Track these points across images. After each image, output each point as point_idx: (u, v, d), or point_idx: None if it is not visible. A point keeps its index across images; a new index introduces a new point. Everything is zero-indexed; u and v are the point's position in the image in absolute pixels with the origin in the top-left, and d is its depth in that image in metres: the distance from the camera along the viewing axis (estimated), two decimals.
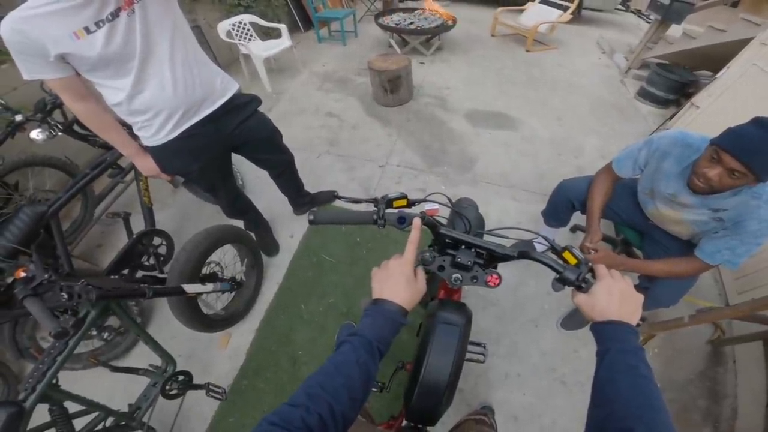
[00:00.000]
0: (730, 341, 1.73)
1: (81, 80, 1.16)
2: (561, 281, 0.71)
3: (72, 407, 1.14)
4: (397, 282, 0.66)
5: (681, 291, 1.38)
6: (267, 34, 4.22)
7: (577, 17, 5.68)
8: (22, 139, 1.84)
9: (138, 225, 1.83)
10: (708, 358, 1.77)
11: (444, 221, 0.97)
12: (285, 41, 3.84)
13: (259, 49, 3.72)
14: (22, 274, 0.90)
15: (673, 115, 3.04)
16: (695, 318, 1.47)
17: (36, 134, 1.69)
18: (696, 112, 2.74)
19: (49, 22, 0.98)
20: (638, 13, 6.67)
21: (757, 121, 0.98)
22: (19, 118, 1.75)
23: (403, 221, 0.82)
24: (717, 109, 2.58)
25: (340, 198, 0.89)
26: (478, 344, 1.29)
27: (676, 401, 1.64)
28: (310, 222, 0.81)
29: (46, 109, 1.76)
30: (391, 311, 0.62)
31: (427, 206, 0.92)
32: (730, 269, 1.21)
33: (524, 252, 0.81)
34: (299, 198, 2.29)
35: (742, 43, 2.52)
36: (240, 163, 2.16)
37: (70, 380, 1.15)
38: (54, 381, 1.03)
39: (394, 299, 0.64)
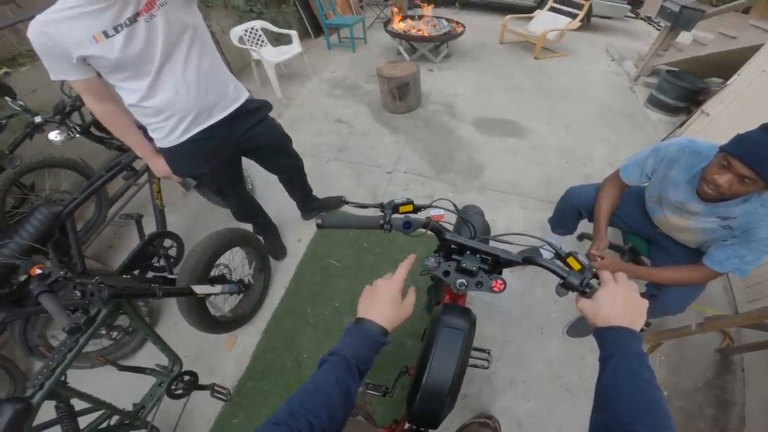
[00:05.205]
0: (739, 349, 1.71)
1: (102, 82, 1.21)
2: (565, 286, 0.71)
3: (77, 405, 1.15)
4: (382, 302, 0.67)
5: (688, 298, 1.37)
6: (278, 40, 4.29)
7: (585, 24, 5.69)
8: (39, 141, 1.89)
9: (150, 227, 1.86)
10: (716, 367, 1.74)
11: (450, 228, 0.98)
12: (295, 47, 3.89)
13: (270, 55, 3.78)
14: (38, 271, 0.92)
15: (683, 123, 3.02)
16: (703, 326, 1.45)
17: (54, 136, 1.74)
18: (706, 119, 2.72)
19: (71, 25, 1.02)
20: (648, 20, 6.65)
21: (766, 128, 0.98)
22: (38, 119, 1.79)
23: (409, 226, 0.83)
24: (727, 117, 2.55)
25: (347, 203, 0.90)
26: (482, 350, 1.29)
27: (682, 409, 1.62)
28: (318, 226, 0.83)
29: (65, 111, 1.81)
30: (371, 331, 0.63)
31: (432, 212, 0.93)
32: (739, 277, 1.20)
33: (528, 257, 0.82)
34: (308, 203, 2.32)
35: (753, 50, 2.51)
36: (250, 167, 2.20)
37: (77, 378, 1.17)
38: (62, 378, 1.05)
39: (375, 319, 0.64)
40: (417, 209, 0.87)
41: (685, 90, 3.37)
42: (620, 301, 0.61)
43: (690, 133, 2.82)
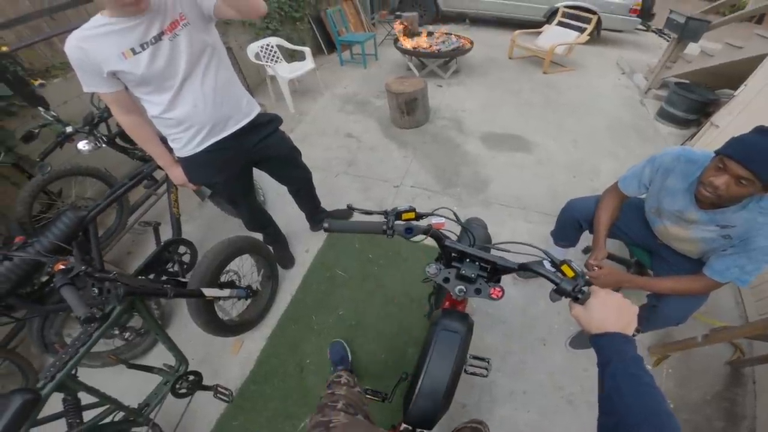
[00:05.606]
0: (750, 362, 1.67)
1: (129, 95, 1.32)
2: (558, 292, 0.75)
3: (84, 400, 1.20)
4: None
5: (689, 309, 1.36)
6: (292, 56, 4.45)
7: (596, 38, 5.73)
8: (66, 150, 2.01)
9: (166, 235, 1.96)
10: (726, 379, 1.71)
11: (454, 238, 1.02)
12: (308, 63, 4.04)
13: (285, 71, 3.92)
14: (61, 267, 1.00)
15: (693, 135, 2.99)
16: (708, 337, 1.44)
17: (83, 145, 1.87)
18: (716, 131, 2.70)
19: (103, 42, 1.13)
20: (659, 32, 6.63)
21: (761, 130, 1.00)
22: (69, 129, 1.92)
23: (410, 231, 0.88)
24: (737, 128, 2.50)
25: (354, 210, 0.96)
26: (482, 359, 1.30)
27: (689, 422, 1.59)
28: (326, 230, 0.89)
29: (94, 122, 1.94)
30: None
31: (434, 220, 0.98)
32: (740, 286, 1.20)
33: (524, 264, 0.86)
34: (316, 215, 2.39)
35: (759, 60, 2.50)
36: (262, 180, 2.29)
37: (87, 377, 1.21)
38: (73, 371, 1.09)
39: None
40: (419, 217, 0.92)
41: (694, 102, 3.35)
42: (612, 308, 0.64)
43: (700, 146, 2.80)
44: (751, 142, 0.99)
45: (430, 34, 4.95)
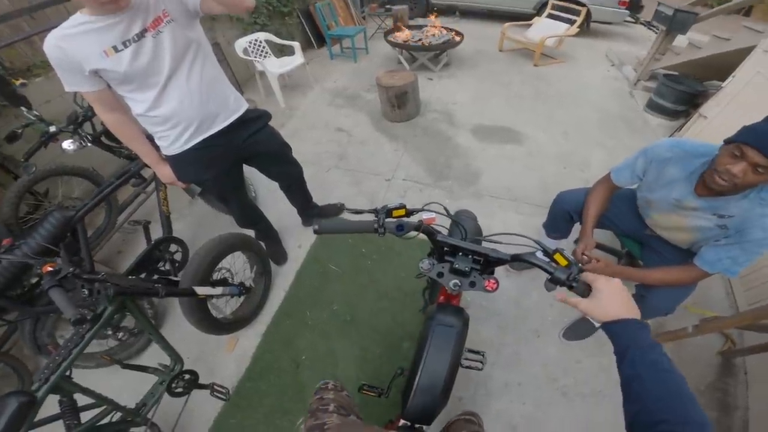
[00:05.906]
0: (741, 352, 1.70)
1: (112, 93, 1.29)
2: (553, 281, 0.75)
3: (80, 401, 1.20)
4: None
5: (677, 299, 1.38)
6: (281, 51, 4.39)
7: (585, 30, 5.74)
8: (52, 149, 1.98)
9: (157, 233, 1.94)
10: (718, 370, 1.73)
11: (445, 232, 1.02)
12: (298, 58, 3.98)
13: (274, 66, 3.87)
14: (49, 269, 0.98)
15: (682, 126, 3.03)
16: (698, 328, 1.46)
17: (68, 145, 1.84)
18: (704, 122, 2.74)
19: (84, 40, 1.11)
20: (648, 24, 6.68)
21: None
22: (52, 129, 1.88)
23: (401, 229, 0.88)
24: (725, 119, 2.57)
25: (344, 209, 0.96)
26: (477, 352, 1.32)
27: None
28: (315, 231, 0.88)
29: (78, 121, 1.90)
30: None
31: (424, 215, 0.98)
32: (729, 277, 1.21)
33: (516, 255, 0.86)
34: (308, 210, 2.38)
35: (747, 52, 2.53)
36: (253, 176, 2.26)
37: (82, 377, 1.21)
38: (67, 373, 1.09)
39: None
40: (410, 213, 0.92)
41: (683, 93, 3.38)
42: (620, 294, 0.65)
43: (689, 136, 2.84)
44: (765, 130, 0.98)
45: (420, 27, 4.90)
